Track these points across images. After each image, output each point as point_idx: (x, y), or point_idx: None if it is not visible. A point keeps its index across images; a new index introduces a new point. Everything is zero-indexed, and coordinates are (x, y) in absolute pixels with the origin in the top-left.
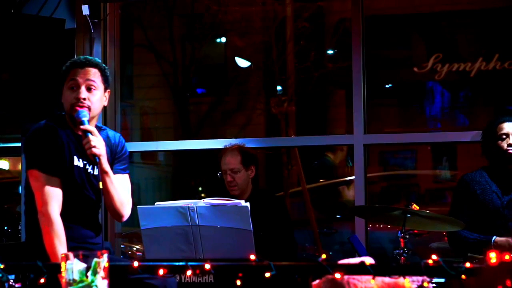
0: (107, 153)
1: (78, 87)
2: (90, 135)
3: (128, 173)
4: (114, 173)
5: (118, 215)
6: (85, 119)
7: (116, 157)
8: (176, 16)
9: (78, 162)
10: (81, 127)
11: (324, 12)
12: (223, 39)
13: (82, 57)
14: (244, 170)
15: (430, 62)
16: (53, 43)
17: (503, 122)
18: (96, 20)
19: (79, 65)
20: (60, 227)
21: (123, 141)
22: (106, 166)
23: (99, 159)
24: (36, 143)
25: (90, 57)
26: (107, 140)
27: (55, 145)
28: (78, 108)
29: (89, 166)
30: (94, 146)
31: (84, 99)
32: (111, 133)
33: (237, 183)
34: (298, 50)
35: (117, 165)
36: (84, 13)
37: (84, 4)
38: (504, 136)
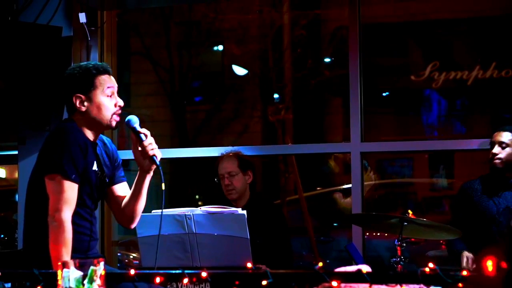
0: (107, 162)
1: (114, 94)
2: (149, 137)
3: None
4: (119, 181)
5: (132, 221)
6: (136, 125)
7: (115, 164)
8: (173, 24)
9: (95, 168)
10: (139, 130)
11: (321, 20)
12: (220, 47)
13: (99, 63)
14: (242, 174)
15: (427, 70)
16: (50, 51)
17: (500, 130)
18: (93, 28)
19: (106, 72)
20: (69, 236)
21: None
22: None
23: (157, 158)
24: (63, 147)
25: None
26: (104, 147)
27: (81, 149)
28: (118, 115)
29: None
30: (156, 148)
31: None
32: (105, 139)
33: (235, 187)
34: (295, 58)
35: (119, 172)
36: (81, 21)
37: (81, 12)
38: (494, 144)
